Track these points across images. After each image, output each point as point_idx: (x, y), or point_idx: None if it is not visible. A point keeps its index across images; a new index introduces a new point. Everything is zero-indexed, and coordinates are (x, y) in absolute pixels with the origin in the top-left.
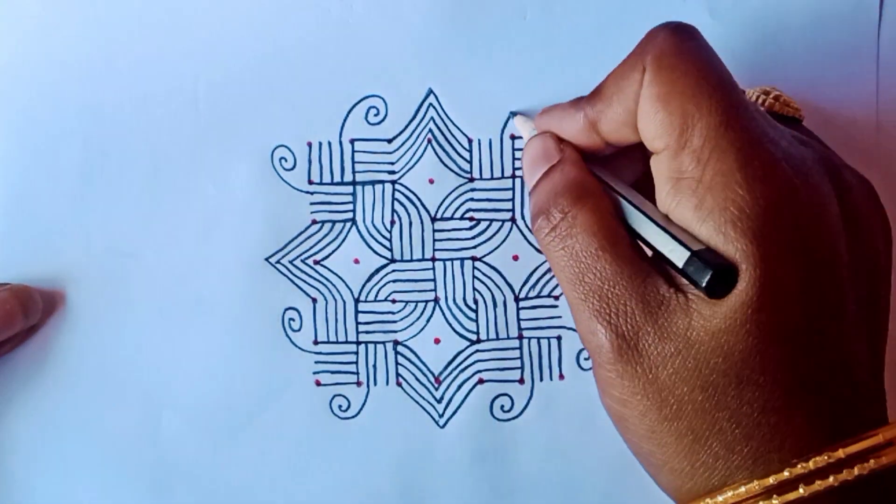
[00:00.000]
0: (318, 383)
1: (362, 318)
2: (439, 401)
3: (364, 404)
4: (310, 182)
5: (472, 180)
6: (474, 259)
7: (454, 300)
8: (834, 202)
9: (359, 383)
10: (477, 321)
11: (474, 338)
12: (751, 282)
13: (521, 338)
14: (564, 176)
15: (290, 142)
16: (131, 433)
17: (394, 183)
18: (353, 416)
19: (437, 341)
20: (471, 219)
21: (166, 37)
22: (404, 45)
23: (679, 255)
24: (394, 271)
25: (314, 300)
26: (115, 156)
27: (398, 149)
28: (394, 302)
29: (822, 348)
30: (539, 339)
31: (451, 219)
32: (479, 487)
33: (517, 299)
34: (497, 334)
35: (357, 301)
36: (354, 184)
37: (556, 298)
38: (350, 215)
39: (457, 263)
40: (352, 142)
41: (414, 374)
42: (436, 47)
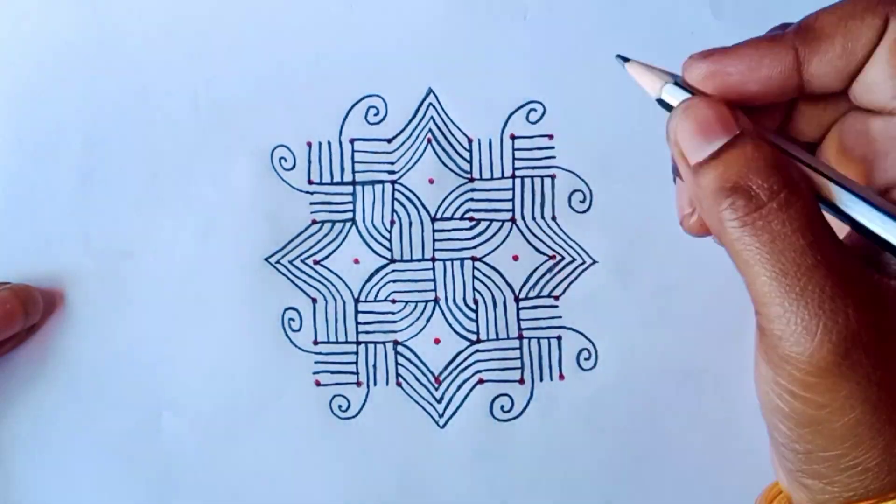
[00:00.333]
0: (318, 383)
1: (362, 318)
2: (439, 401)
3: (364, 404)
4: (310, 182)
5: (472, 180)
6: (474, 259)
7: (454, 300)
8: None
9: (359, 383)
10: (477, 321)
11: (474, 338)
12: None
13: (521, 338)
14: (762, 152)
15: (289, 142)
16: (131, 433)
17: (394, 183)
18: (353, 416)
19: (437, 341)
20: (471, 219)
21: (166, 37)
22: (404, 45)
23: None
24: (394, 271)
25: (314, 300)
26: (115, 156)
27: (398, 148)
28: (394, 302)
29: None
30: (539, 339)
31: (451, 219)
32: (479, 487)
33: (517, 299)
34: (497, 334)
35: (357, 301)
36: (354, 184)
37: (556, 299)
38: (350, 215)
39: (457, 263)
40: (352, 141)
41: (414, 375)
42: (436, 47)
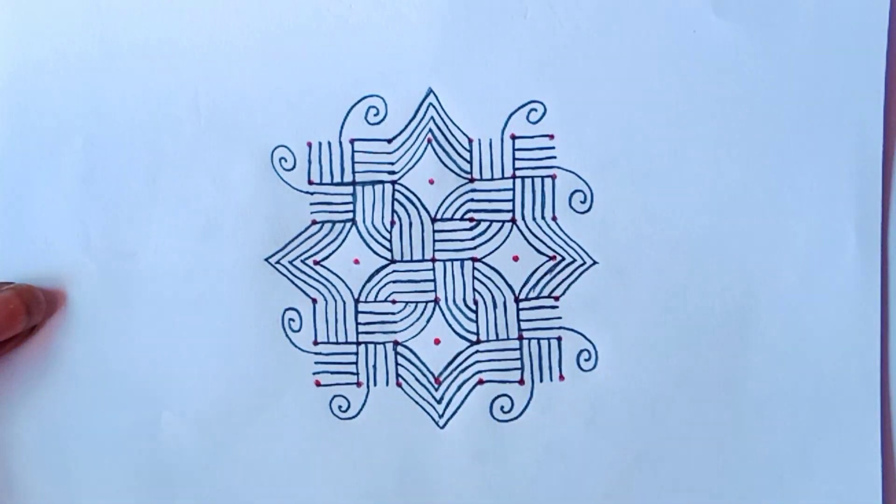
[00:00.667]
0: (317, 384)
1: (362, 318)
2: (439, 401)
3: (364, 405)
4: (310, 182)
5: (472, 180)
6: (474, 260)
7: (454, 301)
8: None
9: (359, 384)
10: (477, 322)
11: (474, 338)
12: None
13: (521, 338)
14: None
15: (290, 142)
16: (131, 433)
17: (394, 183)
18: (353, 417)
19: (437, 342)
20: (471, 219)
21: (167, 37)
22: (404, 45)
23: None
24: (394, 272)
25: (314, 300)
26: (115, 156)
27: (398, 149)
28: (394, 302)
29: None
30: (539, 339)
31: (452, 219)
32: (479, 488)
33: (517, 300)
34: (497, 335)
35: (357, 301)
36: (354, 184)
37: (557, 299)
38: (350, 215)
39: (457, 264)
40: (352, 142)
41: (414, 375)
42: (436, 47)
